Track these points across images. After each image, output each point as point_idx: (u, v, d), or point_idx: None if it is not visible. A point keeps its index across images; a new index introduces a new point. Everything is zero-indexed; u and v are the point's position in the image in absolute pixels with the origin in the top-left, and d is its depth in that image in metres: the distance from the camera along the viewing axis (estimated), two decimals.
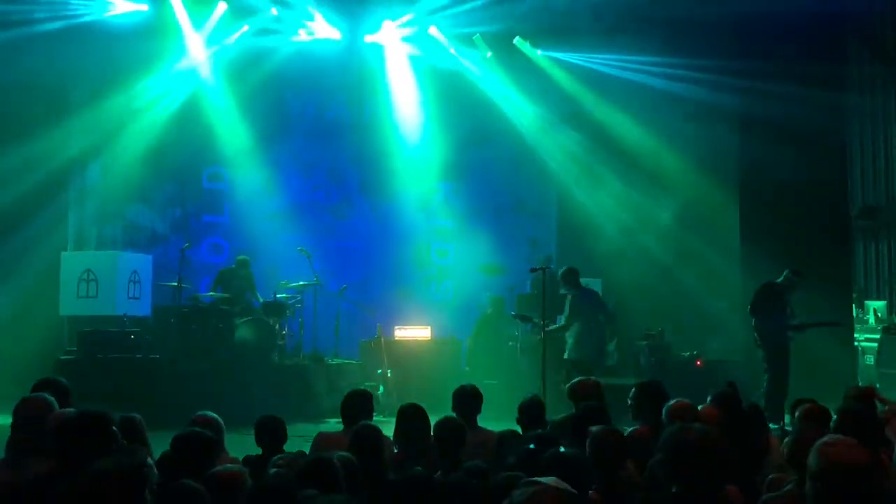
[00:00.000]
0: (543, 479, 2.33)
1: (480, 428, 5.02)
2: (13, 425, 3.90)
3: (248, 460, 4.39)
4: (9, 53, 10.11)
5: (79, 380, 8.02)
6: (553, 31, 12.81)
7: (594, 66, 13.01)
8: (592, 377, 5.71)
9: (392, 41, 13.04)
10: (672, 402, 4.58)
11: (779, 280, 9.41)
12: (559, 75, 13.34)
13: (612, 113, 12.96)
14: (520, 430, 4.81)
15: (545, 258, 11.70)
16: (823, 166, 11.76)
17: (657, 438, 3.54)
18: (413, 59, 13.22)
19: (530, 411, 4.99)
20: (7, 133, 10.21)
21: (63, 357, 9.38)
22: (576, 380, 5.27)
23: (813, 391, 5.43)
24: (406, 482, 3.01)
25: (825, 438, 2.75)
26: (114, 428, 3.66)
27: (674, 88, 12.12)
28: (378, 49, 13.10)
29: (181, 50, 11.96)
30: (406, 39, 13.02)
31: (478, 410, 5.15)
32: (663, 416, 4.47)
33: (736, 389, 5.05)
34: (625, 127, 12.88)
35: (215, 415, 4.47)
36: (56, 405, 3.97)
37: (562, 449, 3.30)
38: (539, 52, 13.26)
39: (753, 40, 11.76)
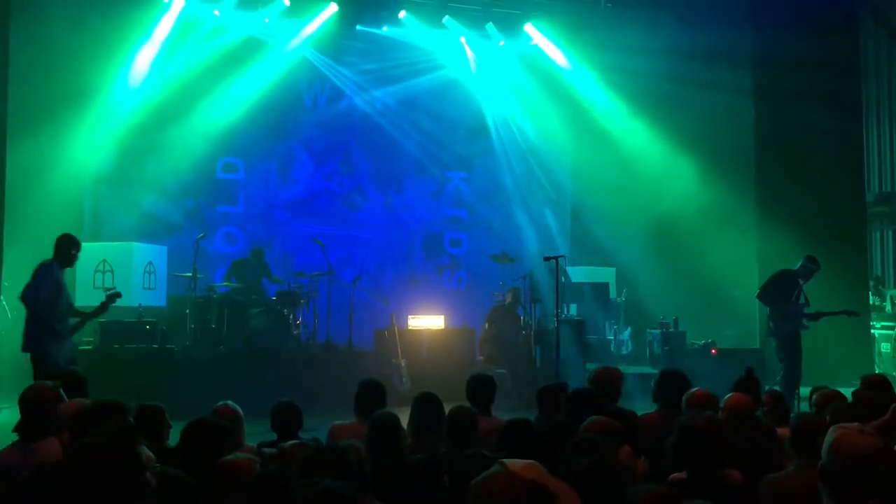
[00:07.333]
0: (512, 461, 1.97)
1: (493, 416, 5.02)
2: (21, 410, 3.95)
3: (262, 447, 4.39)
4: (23, 44, 10.11)
5: (96, 370, 8.09)
6: (563, 12, 12.74)
7: (606, 47, 12.88)
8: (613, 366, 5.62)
9: (405, 29, 13.01)
10: (693, 390, 4.49)
11: (795, 267, 9.34)
12: (571, 58, 13.26)
13: (627, 96, 12.89)
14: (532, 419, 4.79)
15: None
16: (840, 153, 11.66)
17: (669, 426, 3.52)
18: (426, 48, 13.18)
19: (551, 397, 4.98)
20: (22, 124, 10.24)
21: (81, 348, 9.43)
22: (596, 366, 5.27)
23: (828, 380, 5.42)
24: (410, 468, 2.99)
25: (836, 426, 2.74)
26: (130, 418, 3.67)
27: (688, 72, 11.95)
28: (390, 37, 13.07)
29: (196, 39, 11.97)
30: (419, 27, 12.97)
31: (491, 399, 5.16)
32: (682, 404, 4.41)
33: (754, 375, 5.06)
34: (639, 114, 12.81)
35: (236, 405, 4.47)
36: (62, 391, 4.03)
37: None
38: (548, 37, 13.17)
39: (766, 20, 11.64)
